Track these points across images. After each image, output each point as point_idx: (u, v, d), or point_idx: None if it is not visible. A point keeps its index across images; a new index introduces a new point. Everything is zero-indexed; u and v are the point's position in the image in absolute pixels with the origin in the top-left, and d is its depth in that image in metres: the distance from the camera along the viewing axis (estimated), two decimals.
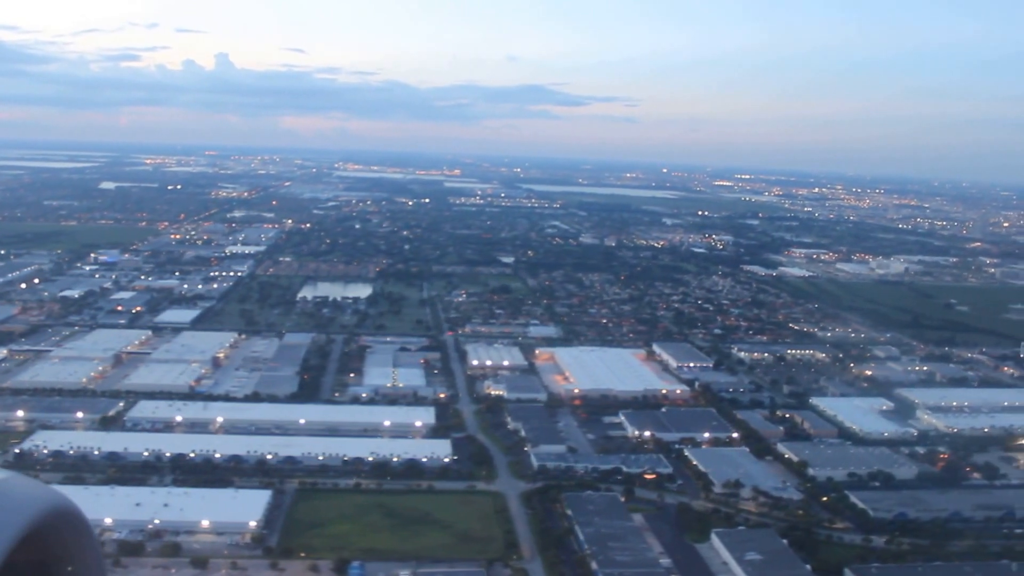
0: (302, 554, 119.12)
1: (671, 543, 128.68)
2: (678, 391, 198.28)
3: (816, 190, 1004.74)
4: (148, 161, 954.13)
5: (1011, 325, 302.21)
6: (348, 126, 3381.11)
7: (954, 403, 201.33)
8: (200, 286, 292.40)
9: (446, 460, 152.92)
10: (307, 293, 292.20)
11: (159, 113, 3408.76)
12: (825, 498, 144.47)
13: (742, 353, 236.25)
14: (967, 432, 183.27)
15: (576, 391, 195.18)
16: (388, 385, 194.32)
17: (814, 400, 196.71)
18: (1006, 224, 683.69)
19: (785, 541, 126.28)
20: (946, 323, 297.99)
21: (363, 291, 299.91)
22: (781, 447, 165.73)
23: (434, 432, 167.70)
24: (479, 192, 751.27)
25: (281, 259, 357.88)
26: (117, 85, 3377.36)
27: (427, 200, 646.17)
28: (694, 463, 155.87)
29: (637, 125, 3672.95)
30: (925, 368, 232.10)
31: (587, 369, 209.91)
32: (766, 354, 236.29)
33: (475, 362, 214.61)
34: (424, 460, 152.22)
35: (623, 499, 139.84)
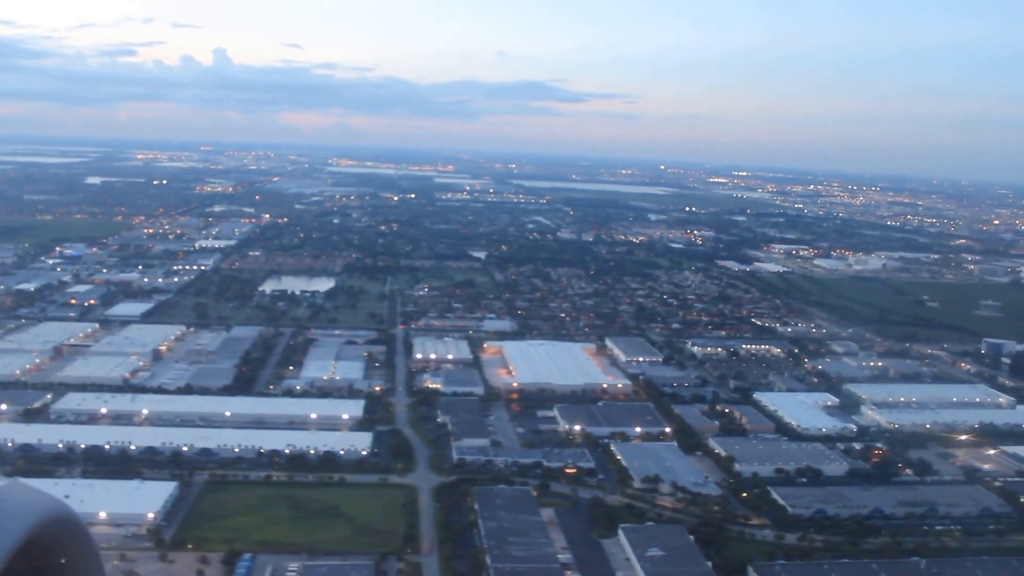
0: (190, 546, 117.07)
1: (577, 538, 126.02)
2: (620, 385, 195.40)
3: (811, 187, 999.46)
4: (140, 157, 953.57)
5: (979, 321, 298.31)
6: (348, 122, 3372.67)
7: (901, 399, 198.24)
8: (160, 280, 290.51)
9: (364, 453, 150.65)
10: (268, 287, 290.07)
11: (158, 109, 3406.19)
12: (745, 494, 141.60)
13: (696, 348, 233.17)
14: (908, 428, 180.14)
15: (515, 385, 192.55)
16: (325, 378, 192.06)
17: (757, 395, 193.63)
18: (996, 222, 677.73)
19: (692, 537, 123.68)
20: (913, 319, 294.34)
21: (325, 285, 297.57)
22: (712, 442, 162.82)
23: (360, 425, 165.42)
24: (467, 188, 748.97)
25: (250, 253, 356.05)
26: (114, 80, 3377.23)
27: (413, 195, 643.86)
28: (618, 458, 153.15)
29: (637, 122, 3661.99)
30: (880, 364, 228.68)
31: (531, 363, 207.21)
32: (720, 349, 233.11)
33: (419, 356, 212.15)
34: (341, 453, 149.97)
35: (535, 493, 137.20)
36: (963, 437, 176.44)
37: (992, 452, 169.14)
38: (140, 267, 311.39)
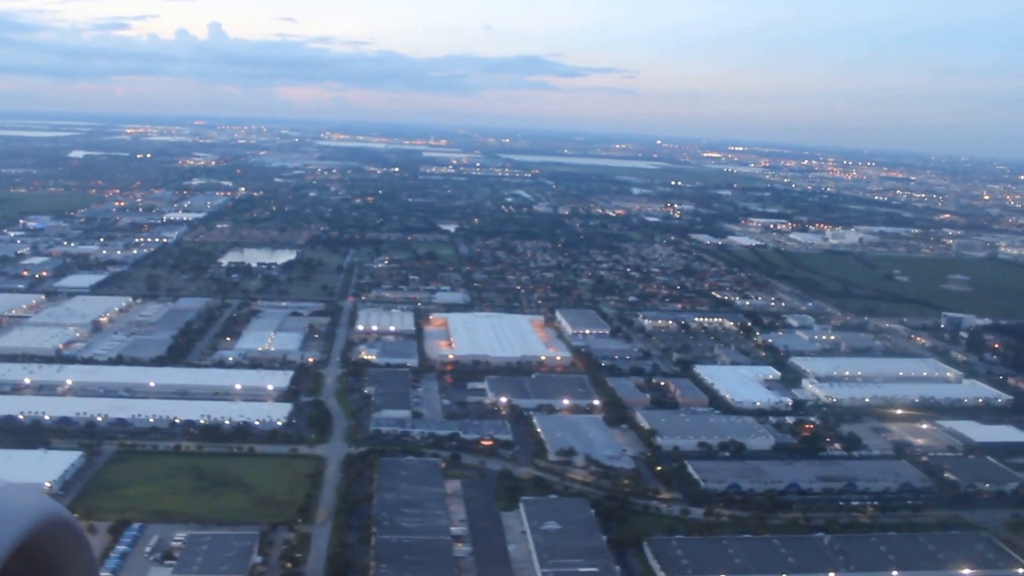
0: (77, 515, 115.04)
1: (478, 511, 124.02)
2: (558, 358, 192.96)
3: (805, 162, 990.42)
4: (129, 131, 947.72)
5: (945, 296, 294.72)
6: (345, 97, 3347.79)
7: (846, 373, 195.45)
8: (119, 252, 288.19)
9: (279, 423, 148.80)
10: (226, 259, 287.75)
11: (153, 83, 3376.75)
12: (660, 468, 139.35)
13: (646, 321, 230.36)
14: (847, 402, 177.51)
15: (451, 356, 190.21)
16: (260, 349, 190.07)
17: (698, 368, 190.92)
18: (986, 197, 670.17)
19: (593, 511, 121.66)
20: (879, 293, 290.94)
21: (285, 257, 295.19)
22: (639, 415, 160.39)
23: (285, 396, 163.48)
24: (454, 161, 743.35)
25: (218, 226, 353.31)
26: (109, 54, 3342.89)
27: (397, 169, 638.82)
28: (538, 430, 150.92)
29: (636, 97, 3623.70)
30: (832, 337, 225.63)
31: (471, 335, 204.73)
32: (670, 322, 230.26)
33: (360, 327, 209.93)
34: (256, 423, 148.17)
35: (443, 465, 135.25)
36: (899, 411, 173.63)
37: (926, 427, 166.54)
38: (102, 239, 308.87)
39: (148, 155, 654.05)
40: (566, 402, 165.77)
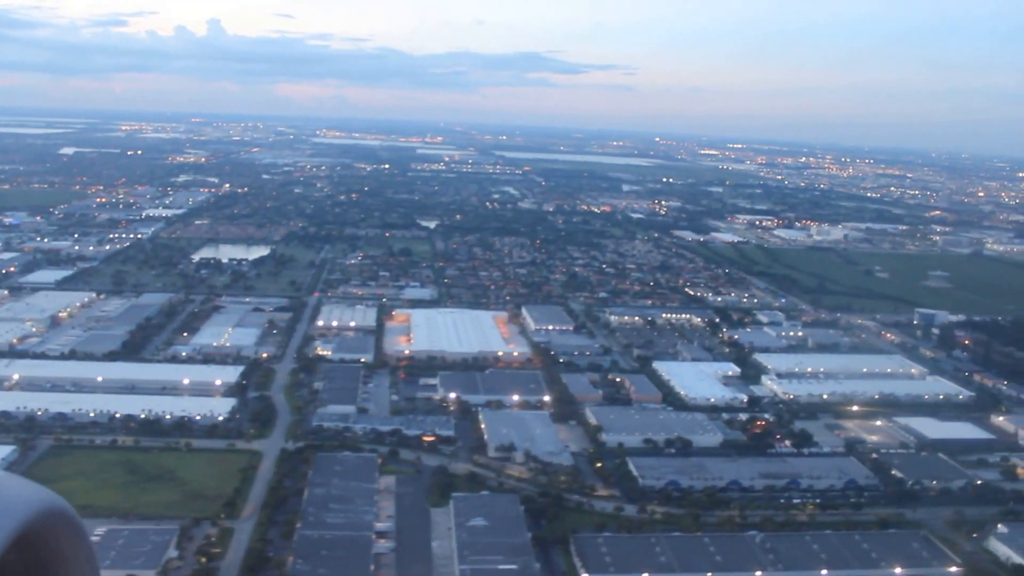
0: None
1: (409, 507, 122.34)
2: (515, 354, 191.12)
3: (803, 159, 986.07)
4: (124, 128, 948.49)
5: (923, 292, 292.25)
6: (345, 94, 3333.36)
7: (808, 369, 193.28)
8: (91, 248, 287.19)
9: (220, 418, 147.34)
10: (199, 255, 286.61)
11: (152, 80, 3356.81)
12: (600, 464, 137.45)
13: (613, 317, 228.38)
14: (804, 398, 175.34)
15: (406, 352, 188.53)
16: (214, 344, 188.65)
17: (657, 364, 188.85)
18: (981, 193, 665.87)
19: (523, 508, 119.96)
20: (855, 289, 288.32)
21: (258, 253, 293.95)
22: (588, 411, 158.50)
23: (232, 391, 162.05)
24: (447, 158, 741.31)
25: (197, 222, 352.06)
26: (108, 51, 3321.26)
27: (387, 166, 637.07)
28: (482, 426, 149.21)
29: (636, 94, 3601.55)
30: (800, 334, 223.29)
31: (431, 331, 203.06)
32: (637, 318, 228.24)
33: (321, 323, 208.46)
34: (197, 418, 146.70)
35: (379, 461, 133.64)
36: (857, 408, 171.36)
37: (880, 423, 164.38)
38: (76, 235, 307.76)
39: (139, 152, 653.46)
40: (516, 398, 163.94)
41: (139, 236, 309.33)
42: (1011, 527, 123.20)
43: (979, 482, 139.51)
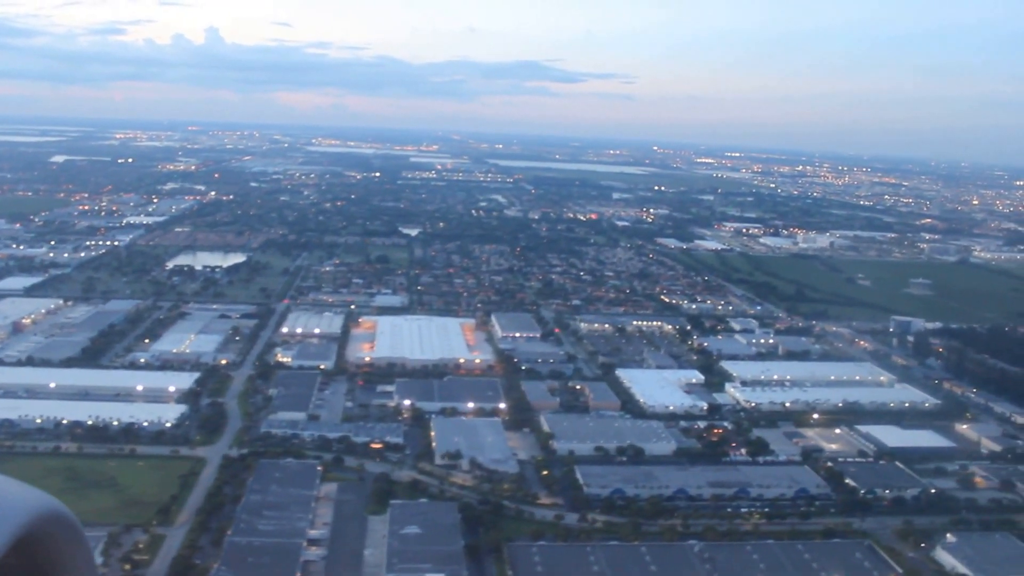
0: None
1: (347, 515, 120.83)
2: (477, 361, 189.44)
3: (799, 168, 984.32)
4: (118, 136, 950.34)
5: (903, 299, 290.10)
6: (346, 103, 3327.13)
7: (775, 377, 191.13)
8: (66, 255, 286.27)
9: (168, 425, 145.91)
10: (175, 262, 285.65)
11: (151, 89, 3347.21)
12: (546, 472, 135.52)
13: (582, 324, 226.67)
14: (765, 406, 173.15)
15: (367, 359, 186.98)
16: (174, 351, 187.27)
17: (620, 372, 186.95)
18: (976, 202, 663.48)
19: (461, 516, 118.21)
20: (835, 297, 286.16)
21: (234, 260, 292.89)
22: (542, 419, 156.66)
23: (186, 397, 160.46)
24: (439, 166, 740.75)
25: (177, 229, 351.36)
26: (106, 60, 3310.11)
27: (377, 174, 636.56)
28: (432, 433, 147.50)
29: (635, 103, 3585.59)
30: (771, 341, 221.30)
31: (395, 337, 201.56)
32: (607, 325, 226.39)
33: (285, 329, 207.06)
34: (145, 424, 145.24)
35: (321, 468, 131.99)
36: (817, 416, 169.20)
37: (839, 432, 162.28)
38: (52, 243, 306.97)
39: (129, 160, 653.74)
40: (471, 405, 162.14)
41: (116, 243, 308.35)
42: (960, 537, 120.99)
43: (933, 491, 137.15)
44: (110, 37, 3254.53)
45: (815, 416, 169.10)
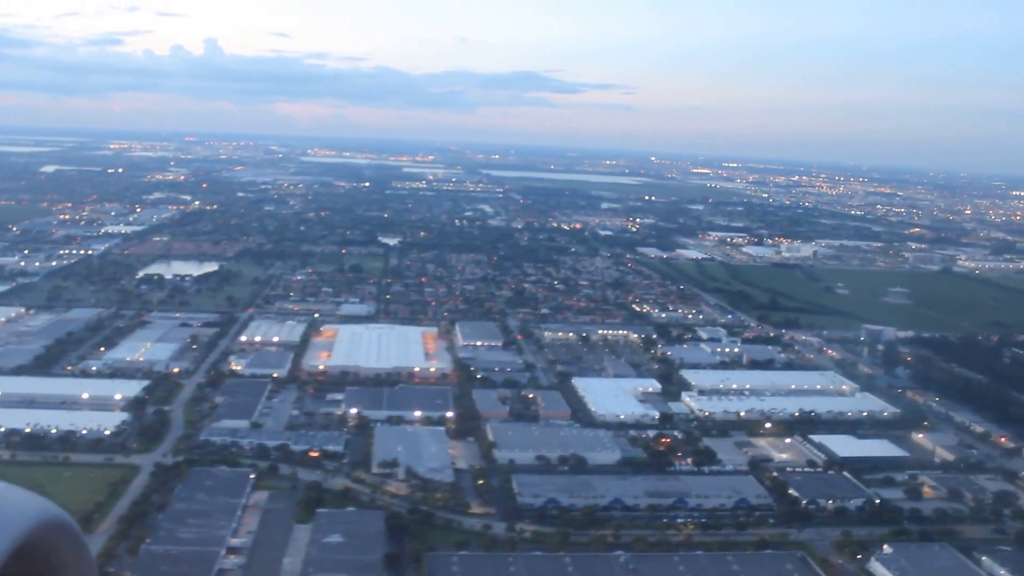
0: None
1: (275, 523, 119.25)
2: (432, 369, 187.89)
3: (796, 177, 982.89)
4: (112, 146, 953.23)
5: (880, 308, 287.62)
6: (346, 113, 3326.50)
7: (734, 386, 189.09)
8: (37, 264, 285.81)
9: (107, 433, 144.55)
10: (148, 271, 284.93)
11: (153, 99, 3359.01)
12: (482, 481, 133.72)
13: (547, 333, 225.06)
14: (719, 415, 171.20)
15: (320, 367, 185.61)
16: (128, 359, 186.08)
17: (575, 381, 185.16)
18: (968, 211, 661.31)
19: (386, 525, 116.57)
20: (810, 305, 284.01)
21: (207, 269, 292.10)
22: (487, 428, 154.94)
23: (131, 405, 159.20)
24: (430, 176, 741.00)
25: (155, 238, 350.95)
26: (105, 70, 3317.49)
27: (367, 184, 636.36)
28: (372, 441, 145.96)
29: (635, 113, 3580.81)
30: (736, 350, 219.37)
31: (353, 346, 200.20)
32: (571, 334, 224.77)
33: (244, 338, 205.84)
34: (84, 432, 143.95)
35: (253, 476, 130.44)
36: (769, 425, 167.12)
37: (789, 441, 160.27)
38: (26, 251, 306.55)
39: (119, 170, 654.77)
40: (418, 414, 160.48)
41: (89, 252, 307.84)
42: (897, 548, 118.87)
43: (878, 501, 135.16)
44: (109, 48, 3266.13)
45: (768, 425, 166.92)
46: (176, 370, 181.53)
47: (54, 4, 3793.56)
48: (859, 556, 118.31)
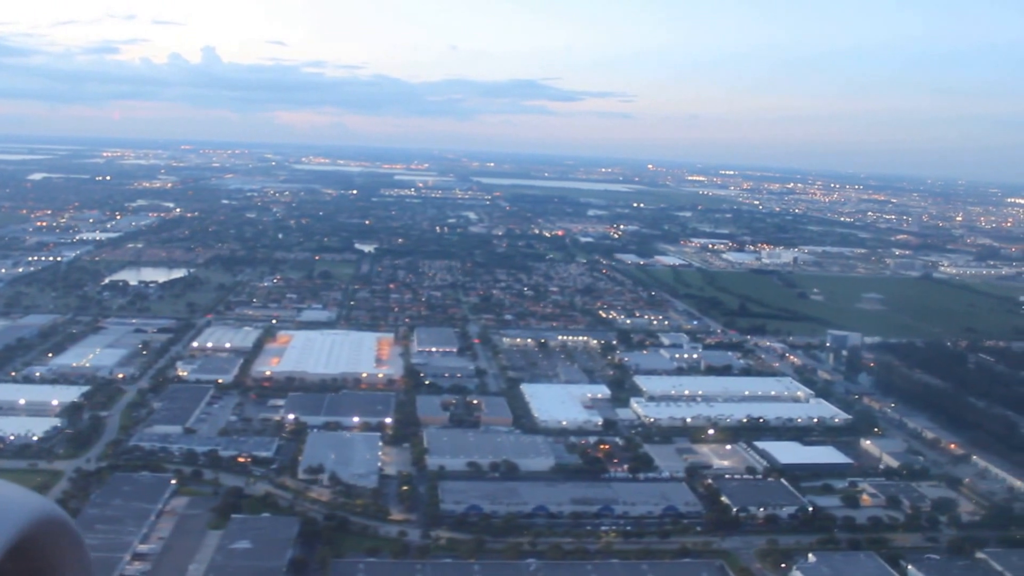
0: None
1: (189, 529, 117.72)
2: (379, 375, 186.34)
3: (791, 185, 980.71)
4: (105, 154, 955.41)
5: (852, 314, 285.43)
6: (345, 121, 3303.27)
7: (685, 391, 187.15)
8: (3, 270, 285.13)
9: (35, 438, 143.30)
10: (113, 278, 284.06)
11: (151, 108, 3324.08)
12: (407, 487, 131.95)
13: (506, 339, 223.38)
14: (665, 422, 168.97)
15: (267, 373, 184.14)
16: (74, 365, 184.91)
17: (524, 387, 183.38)
18: (959, 218, 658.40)
19: (298, 531, 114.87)
20: (782, 311, 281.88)
21: (176, 275, 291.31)
22: (424, 434, 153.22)
23: (68, 411, 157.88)
24: (420, 184, 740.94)
25: (129, 245, 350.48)
26: (103, 79, 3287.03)
27: (354, 192, 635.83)
28: (303, 446, 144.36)
29: (634, 121, 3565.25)
30: (695, 356, 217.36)
31: (305, 352, 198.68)
32: (529, 340, 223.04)
33: (195, 344, 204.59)
34: (11, 438, 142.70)
35: (174, 482, 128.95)
36: (711, 432, 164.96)
37: (729, 447, 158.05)
38: None
39: (107, 177, 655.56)
40: (356, 419, 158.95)
41: (59, 259, 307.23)
42: (821, 557, 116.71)
43: (811, 509, 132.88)
44: (106, 56, 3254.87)
45: (711, 432, 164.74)
46: (120, 376, 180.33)
47: (50, 12, 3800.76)
48: (783, 565, 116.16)
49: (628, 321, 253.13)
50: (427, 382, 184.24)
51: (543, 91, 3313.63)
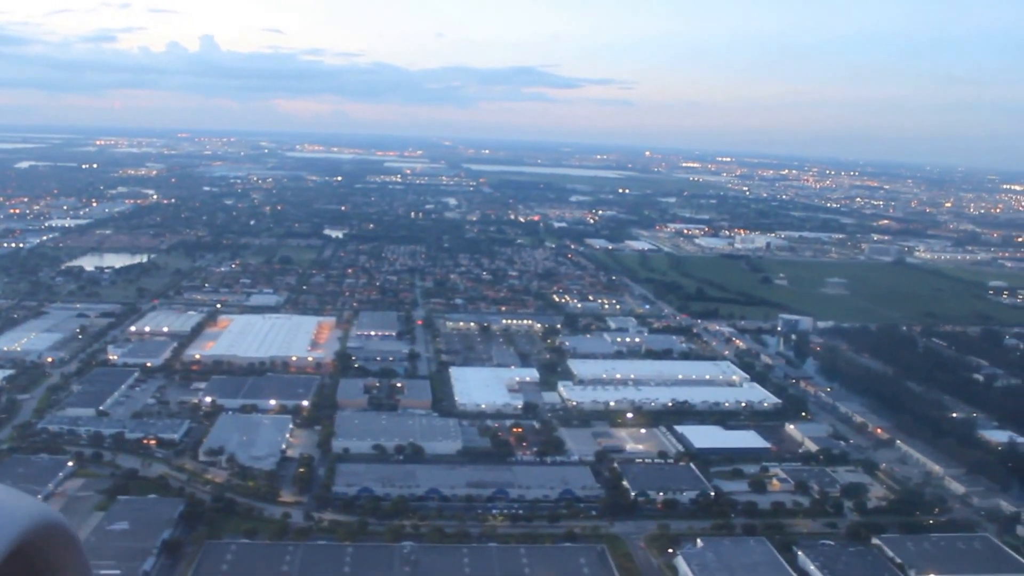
0: None
1: (75, 511, 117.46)
2: (310, 359, 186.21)
3: (784, 171, 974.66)
4: (98, 143, 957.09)
5: (814, 299, 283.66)
6: (344, 109, 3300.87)
7: (617, 375, 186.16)
8: None
9: None
10: (73, 263, 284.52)
11: (151, 96, 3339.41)
12: (303, 470, 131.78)
13: (449, 324, 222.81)
14: (587, 406, 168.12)
15: (196, 357, 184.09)
16: (4, 349, 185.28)
17: (452, 370, 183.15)
18: (948, 204, 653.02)
19: (181, 512, 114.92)
20: (741, 296, 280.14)
21: (135, 261, 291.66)
22: (337, 417, 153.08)
23: None
24: (408, 171, 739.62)
25: (98, 232, 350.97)
26: (101, 67, 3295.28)
27: (339, 178, 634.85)
28: (210, 429, 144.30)
29: (634, 108, 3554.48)
30: (638, 340, 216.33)
31: (240, 336, 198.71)
32: (472, 324, 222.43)
33: (133, 328, 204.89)
34: None
35: (71, 463, 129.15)
36: (630, 415, 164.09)
37: (644, 432, 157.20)
38: None
39: (94, 165, 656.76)
40: (273, 402, 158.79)
41: (20, 245, 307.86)
42: (709, 542, 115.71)
43: (713, 494, 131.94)
44: (104, 45, 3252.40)
45: (630, 416, 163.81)
46: (50, 360, 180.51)
47: (44, 1, 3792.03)
48: (670, 550, 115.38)
49: (580, 305, 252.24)
50: (356, 365, 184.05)
51: (543, 78, 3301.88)
